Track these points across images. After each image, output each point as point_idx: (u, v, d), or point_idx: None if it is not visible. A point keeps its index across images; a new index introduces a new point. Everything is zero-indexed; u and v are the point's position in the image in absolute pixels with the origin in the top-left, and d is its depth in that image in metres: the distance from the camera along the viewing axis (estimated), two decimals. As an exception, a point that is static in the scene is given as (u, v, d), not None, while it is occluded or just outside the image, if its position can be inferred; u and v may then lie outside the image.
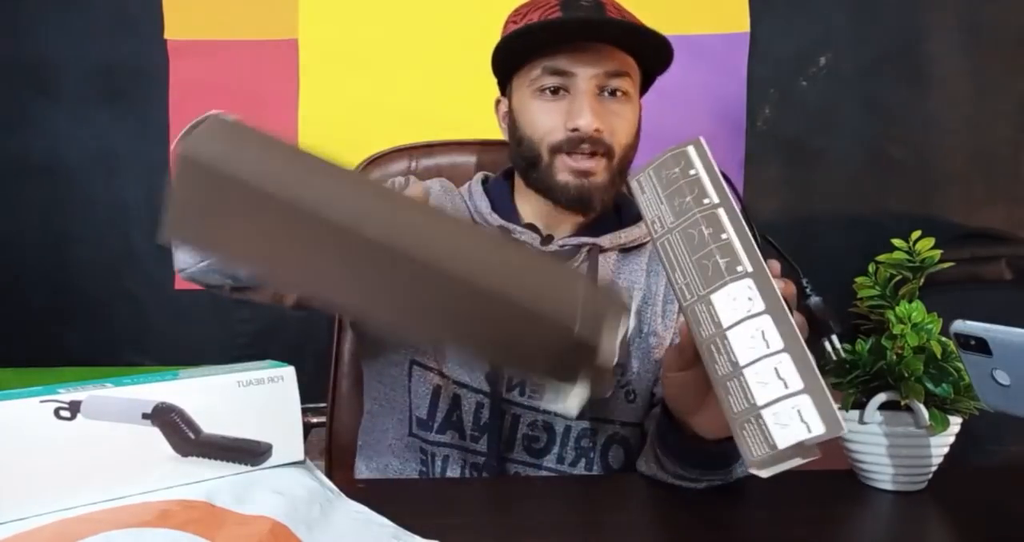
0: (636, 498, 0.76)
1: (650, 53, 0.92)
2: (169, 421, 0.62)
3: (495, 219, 0.96)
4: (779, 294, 0.57)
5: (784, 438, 0.54)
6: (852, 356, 0.76)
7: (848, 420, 0.75)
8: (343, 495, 0.66)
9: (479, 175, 1.06)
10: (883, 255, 0.77)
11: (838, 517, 0.70)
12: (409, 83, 1.71)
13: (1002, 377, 0.58)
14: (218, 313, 1.73)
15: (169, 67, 1.70)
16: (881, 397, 0.73)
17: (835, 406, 0.54)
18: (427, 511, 0.70)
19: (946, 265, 0.75)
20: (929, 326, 0.73)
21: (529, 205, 0.98)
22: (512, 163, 0.99)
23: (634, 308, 0.81)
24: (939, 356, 0.72)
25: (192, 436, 0.63)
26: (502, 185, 1.02)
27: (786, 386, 0.55)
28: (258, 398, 0.66)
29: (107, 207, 1.72)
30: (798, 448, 0.54)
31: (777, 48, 1.73)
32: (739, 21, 1.72)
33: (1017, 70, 1.76)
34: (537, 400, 0.91)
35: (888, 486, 0.75)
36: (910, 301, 0.75)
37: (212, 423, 0.64)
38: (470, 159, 1.19)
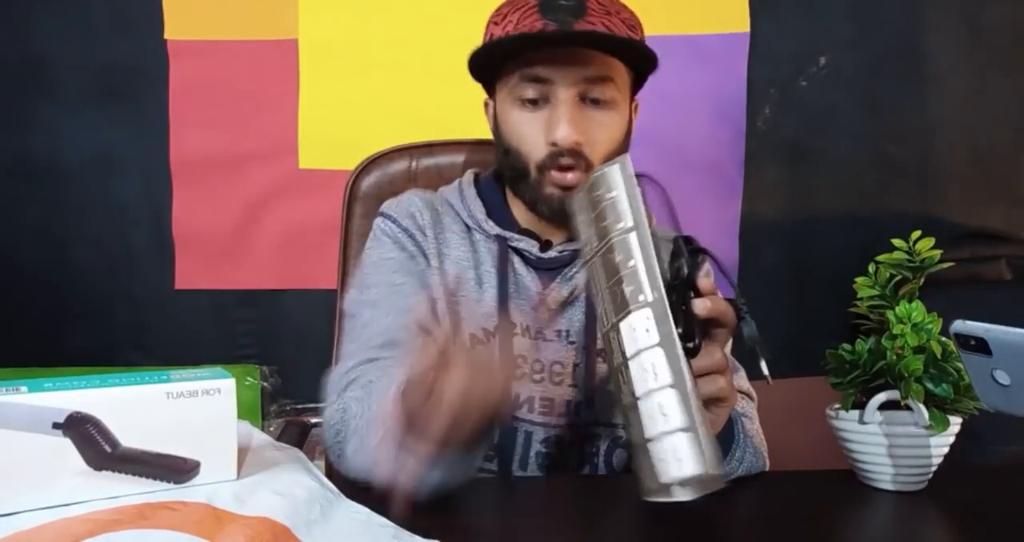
0: (635, 498, 0.76)
1: (633, 55, 0.88)
2: (83, 432, 0.58)
3: (491, 227, 0.94)
4: (673, 327, 0.58)
5: (664, 473, 0.56)
6: (852, 356, 0.76)
7: (848, 420, 0.75)
8: (343, 495, 0.66)
9: (469, 174, 1.02)
10: (883, 255, 0.77)
11: (838, 517, 0.70)
12: (409, 83, 1.71)
13: (1002, 377, 0.58)
14: (218, 313, 1.73)
15: (169, 67, 1.69)
16: (881, 397, 0.73)
17: (712, 447, 0.55)
18: (427, 511, 0.70)
19: (946, 265, 0.75)
20: (929, 326, 0.73)
21: (523, 209, 0.96)
22: (500, 170, 0.97)
23: None
24: (939, 356, 0.72)
25: (108, 449, 0.59)
26: (494, 187, 0.99)
27: (667, 422, 0.56)
28: (189, 411, 0.62)
29: (107, 207, 1.72)
30: (691, 482, 0.55)
31: (777, 48, 1.73)
32: (739, 21, 1.72)
33: (1017, 70, 1.76)
34: (548, 415, 0.90)
35: (888, 486, 0.75)
36: (910, 301, 0.75)
37: (135, 436, 0.60)
38: (470, 159, 1.19)
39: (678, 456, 0.55)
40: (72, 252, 1.72)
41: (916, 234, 0.76)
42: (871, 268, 0.78)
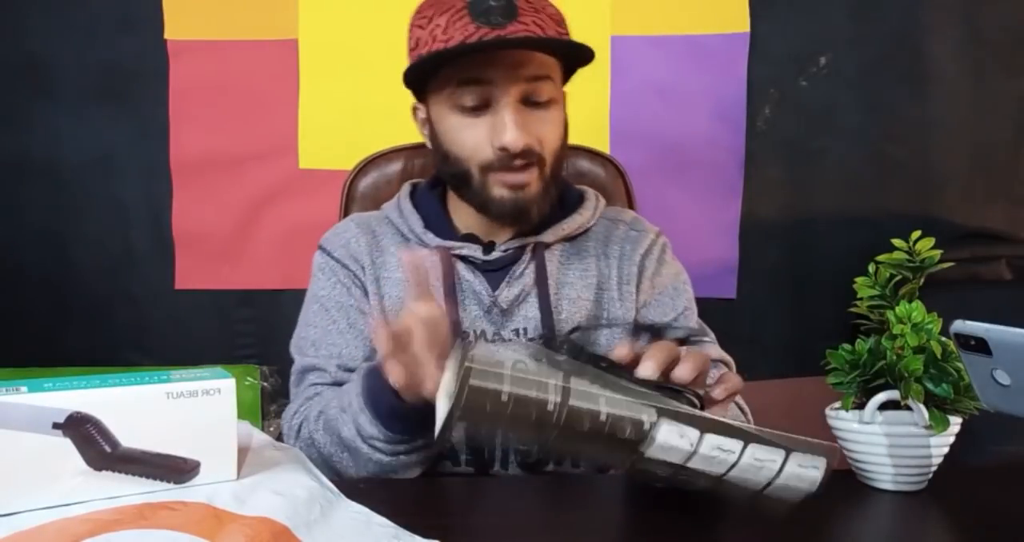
0: (636, 496, 0.76)
1: (570, 52, 0.88)
2: (83, 433, 0.58)
3: (431, 239, 0.94)
4: (696, 411, 0.58)
5: (809, 485, 0.59)
6: (852, 356, 0.76)
7: (848, 420, 0.75)
8: (343, 495, 0.66)
9: (407, 186, 1.02)
10: (883, 255, 0.77)
11: (838, 517, 0.70)
12: (409, 83, 1.71)
13: (1002, 377, 0.58)
14: (218, 313, 1.73)
15: (169, 67, 1.69)
16: (881, 397, 0.73)
17: (812, 439, 0.59)
18: (427, 511, 0.70)
19: (946, 265, 0.75)
20: (929, 326, 0.73)
21: (466, 213, 0.96)
22: (440, 176, 0.96)
23: None
24: (939, 356, 0.72)
25: (108, 449, 0.59)
26: (431, 196, 0.99)
27: (775, 461, 0.58)
28: (189, 411, 0.62)
29: (107, 207, 1.72)
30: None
31: (777, 48, 1.73)
32: (739, 21, 1.72)
33: (1017, 70, 1.76)
34: None
35: (888, 486, 0.75)
36: (910, 301, 0.75)
37: (135, 436, 0.60)
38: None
39: (806, 465, 0.58)
40: (72, 252, 1.72)
41: (916, 234, 0.76)
42: (871, 268, 0.78)
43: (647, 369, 0.62)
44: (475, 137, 0.87)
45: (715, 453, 0.58)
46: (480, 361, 0.55)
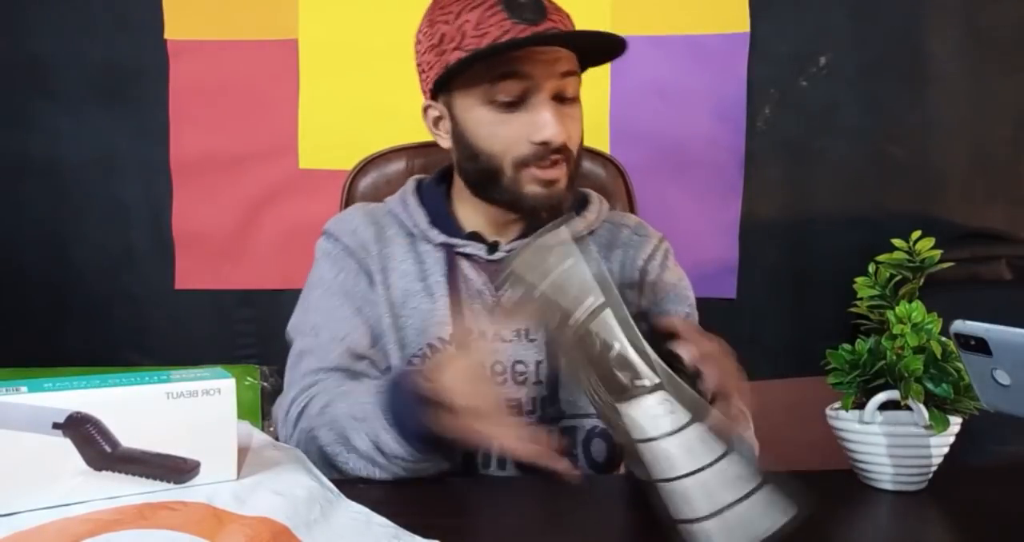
0: (636, 497, 0.76)
1: (591, 51, 0.90)
2: (83, 433, 0.58)
3: (436, 236, 0.94)
4: (698, 398, 0.57)
5: (766, 528, 0.55)
6: (852, 356, 0.76)
7: (848, 420, 0.75)
8: (343, 495, 0.66)
9: (412, 182, 1.02)
10: (883, 255, 0.77)
11: (838, 517, 0.70)
12: (409, 83, 1.70)
13: (1002, 377, 0.58)
14: (218, 313, 1.73)
15: (169, 67, 1.69)
16: (881, 397, 0.73)
17: (776, 484, 0.56)
18: (427, 511, 0.70)
19: (946, 265, 0.75)
20: (929, 326, 0.73)
21: (472, 211, 0.96)
22: (463, 176, 0.95)
23: None
24: (939, 356, 0.72)
25: (108, 449, 0.59)
26: (436, 192, 0.98)
27: (746, 483, 0.56)
28: (189, 411, 0.62)
29: (107, 207, 1.72)
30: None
31: (777, 48, 1.73)
32: (739, 21, 1.72)
33: (1017, 70, 1.76)
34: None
35: (888, 486, 0.75)
36: (910, 301, 0.75)
37: (135, 436, 0.60)
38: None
39: (775, 504, 0.56)
40: (72, 252, 1.72)
41: (916, 234, 0.76)
42: (871, 268, 0.78)
43: (687, 352, 0.62)
44: (511, 132, 0.87)
45: (691, 447, 0.57)
46: (537, 249, 0.59)
